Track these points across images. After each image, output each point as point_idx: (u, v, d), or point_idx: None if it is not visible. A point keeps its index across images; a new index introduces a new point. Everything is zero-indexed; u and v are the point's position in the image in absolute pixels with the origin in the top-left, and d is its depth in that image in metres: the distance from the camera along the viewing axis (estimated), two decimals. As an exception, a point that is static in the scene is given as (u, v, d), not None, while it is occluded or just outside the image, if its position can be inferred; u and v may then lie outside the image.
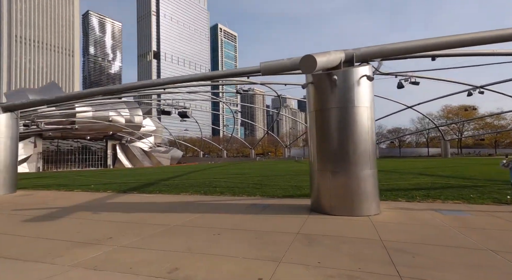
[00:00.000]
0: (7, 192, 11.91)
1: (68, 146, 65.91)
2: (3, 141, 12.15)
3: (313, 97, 6.52)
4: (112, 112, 57.59)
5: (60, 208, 7.82)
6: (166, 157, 72.05)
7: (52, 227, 5.42)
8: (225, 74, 12.85)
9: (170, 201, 8.65)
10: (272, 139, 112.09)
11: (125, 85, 12.53)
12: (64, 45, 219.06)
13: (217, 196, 9.62)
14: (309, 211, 6.49)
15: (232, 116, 75.00)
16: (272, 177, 16.71)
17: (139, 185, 14.17)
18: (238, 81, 30.04)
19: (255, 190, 10.68)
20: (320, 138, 6.34)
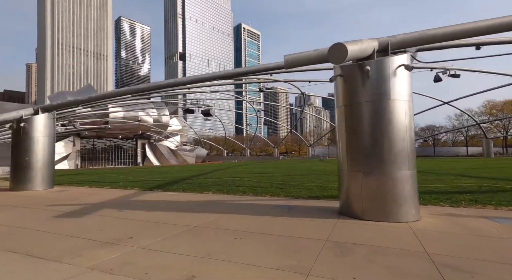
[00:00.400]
0: (45, 187, 12.67)
1: (102, 145, 70.05)
2: (42, 140, 12.94)
3: (342, 90, 5.98)
4: (141, 112, 60.20)
5: (89, 204, 8.02)
6: (192, 155, 73.95)
7: (78, 224, 5.47)
8: (248, 71, 12.57)
9: (192, 200, 8.55)
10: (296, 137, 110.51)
11: (150, 84, 12.74)
12: (98, 50, 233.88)
13: (240, 195, 9.38)
14: (338, 214, 5.97)
15: (255, 115, 74.99)
16: (296, 176, 16.19)
17: (164, 183, 14.40)
18: (261, 79, 29.72)
19: (279, 190, 10.29)
20: (350, 135, 5.79)
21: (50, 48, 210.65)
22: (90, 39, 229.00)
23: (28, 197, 10.13)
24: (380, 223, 5.06)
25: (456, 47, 8.91)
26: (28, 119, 12.51)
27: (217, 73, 12.45)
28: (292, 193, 9.38)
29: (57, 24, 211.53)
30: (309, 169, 24.00)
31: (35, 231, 4.94)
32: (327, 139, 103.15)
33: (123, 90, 12.86)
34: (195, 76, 12.67)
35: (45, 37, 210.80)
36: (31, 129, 12.56)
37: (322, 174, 17.86)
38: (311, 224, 5.19)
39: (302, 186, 11.31)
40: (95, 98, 12.93)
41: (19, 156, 12.38)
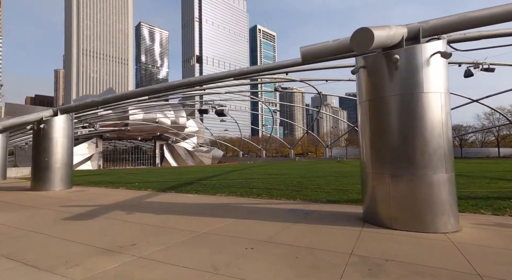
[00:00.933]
0: (64, 188, 12.88)
1: (123, 146, 72.31)
2: (61, 141, 13.19)
3: (366, 84, 5.37)
4: (159, 114, 61.55)
5: (100, 206, 7.89)
6: (208, 156, 74.65)
7: (84, 228, 5.24)
8: (262, 68, 12.13)
9: (204, 203, 8.20)
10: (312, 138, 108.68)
11: (164, 84, 12.63)
12: (120, 55, 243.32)
13: (253, 198, 8.92)
14: (362, 222, 5.36)
15: (271, 115, 74.40)
16: (313, 178, 15.50)
17: (178, 184, 14.24)
18: (277, 79, 29.18)
19: (295, 192, 9.72)
20: (375, 133, 5.17)
21: (75, 54, 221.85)
22: (112, 45, 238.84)
23: (44, 197, 10.25)
24: (412, 234, 4.41)
25: (497, 37, 7.94)
26: (47, 121, 12.79)
27: (231, 71, 12.11)
28: (309, 196, 8.79)
29: (82, 31, 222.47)
30: (326, 170, 23.13)
31: (39, 235, 4.75)
32: (344, 139, 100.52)
33: (138, 91, 12.85)
34: (209, 74, 12.40)
35: (71, 44, 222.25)
36: (51, 130, 12.83)
37: (340, 176, 17.04)
38: (332, 233, 4.62)
39: (320, 188, 10.67)
40: (111, 99, 13.04)
41: (39, 157, 12.67)
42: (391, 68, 4.93)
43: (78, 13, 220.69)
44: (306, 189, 10.56)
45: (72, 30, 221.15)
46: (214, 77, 12.36)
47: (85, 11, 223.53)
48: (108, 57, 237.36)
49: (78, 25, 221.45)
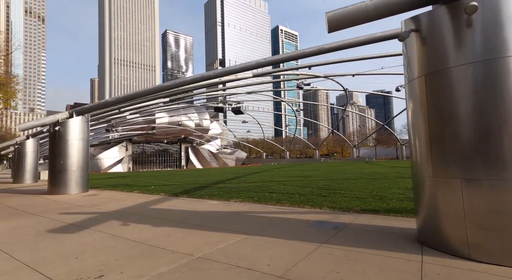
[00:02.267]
0: (79, 191, 12.56)
1: (151, 149, 74.58)
2: (77, 143, 12.91)
3: (420, 53, 3.88)
4: (184, 117, 62.49)
5: (102, 213, 7.11)
6: (231, 158, 74.52)
7: (59, 246, 4.33)
8: (281, 59, 10.84)
9: (214, 210, 7.09)
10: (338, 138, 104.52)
11: (177, 80, 11.85)
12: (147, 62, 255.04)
13: (272, 205, 7.64)
14: (418, 244, 3.87)
15: (294, 116, 72.40)
16: (341, 181, 13.81)
17: (194, 187, 13.37)
18: (300, 75, 27.63)
19: (321, 198, 8.27)
20: (436, 122, 3.66)
21: (108, 63, 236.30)
22: (141, 53, 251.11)
23: (53, 202, 9.81)
24: (509, 272, 2.87)
25: None
26: (63, 123, 12.57)
27: (247, 64, 10.99)
28: (338, 204, 7.32)
29: (114, 41, 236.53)
30: (355, 172, 21.12)
31: (3, 255, 3.89)
32: (373, 139, 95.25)
33: (150, 89, 12.21)
34: (224, 68, 11.39)
35: (104, 54, 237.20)
36: (66, 132, 12.59)
37: (372, 178, 15.13)
38: (378, 265, 3.22)
39: (351, 193, 9.09)
40: (122, 99, 12.58)
41: (54, 160, 12.45)
42: (460, 25, 3.42)
43: (110, 25, 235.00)
44: (334, 194, 9.05)
45: (105, 41, 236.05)
46: (229, 70, 11.32)
47: (116, 22, 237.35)
48: (137, 65, 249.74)
49: (110, 36, 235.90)
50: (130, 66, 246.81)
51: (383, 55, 19.50)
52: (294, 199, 8.34)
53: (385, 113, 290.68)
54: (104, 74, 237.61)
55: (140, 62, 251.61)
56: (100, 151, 59.69)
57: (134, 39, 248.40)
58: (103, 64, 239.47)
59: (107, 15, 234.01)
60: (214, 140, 77.51)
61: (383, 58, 20.01)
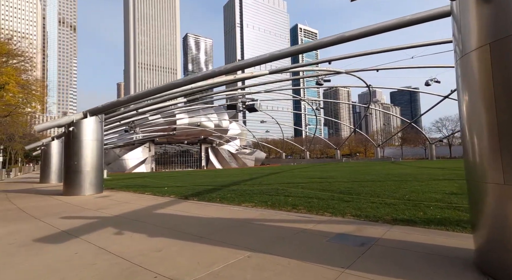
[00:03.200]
0: (93, 192, 12.43)
1: (173, 150, 76.15)
2: (91, 143, 12.82)
3: (482, 13, 2.85)
4: (203, 118, 63.03)
5: (103, 218, 6.66)
6: (251, 158, 74.12)
7: (38, 260, 3.82)
8: (296, 50, 9.91)
9: (221, 217, 6.35)
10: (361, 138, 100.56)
11: (187, 77, 11.34)
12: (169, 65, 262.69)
13: (287, 211, 6.76)
14: (478, 272, 2.85)
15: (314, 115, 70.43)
16: (366, 183, 12.56)
17: (208, 189, 12.79)
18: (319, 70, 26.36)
19: (344, 204, 7.26)
20: (508, 107, 2.63)
21: (132, 67, 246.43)
22: (163, 56, 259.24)
23: (63, 203, 9.63)
24: None
25: None
26: (77, 123, 12.52)
27: (260, 57, 10.21)
28: (364, 211, 6.29)
29: (138, 46, 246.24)
30: (381, 173, 19.54)
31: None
32: (399, 138, 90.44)
33: (161, 87, 11.82)
34: (235, 63, 10.68)
35: (129, 59, 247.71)
36: (80, 133, 12.52)
37: (402, 180, 13.68)
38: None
39: (379, 199, 7.97)
40: (135, 97, 12.31)
41: (69, 160, 12.44)
42: (546, -33, 2.37)
43: (134, 31, 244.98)
44: (359, 199, 7.98)
45: (130, 46, 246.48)
46: (241, 65, 10.59)
47: (140, 28, 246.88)
48: (160, 68, 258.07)
49: (134, 41, 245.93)
50: (153, 70, 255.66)
51: (411, 45, 17.87)
52: (312, 205, 7.40)
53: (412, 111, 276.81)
54: (129, 78, 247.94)
55: (162, 66, 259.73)
56: (125, 152, 61.69)
57: (157, 43, 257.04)
58: (128, 68, 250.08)
59: (132, 21, 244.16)
60: (234, 141, 77.61)
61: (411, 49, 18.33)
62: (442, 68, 29.07)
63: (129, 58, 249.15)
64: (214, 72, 11.06)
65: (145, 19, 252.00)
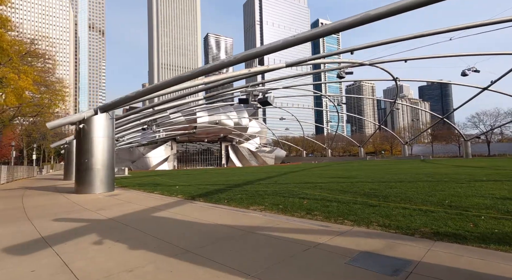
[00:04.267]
0: (104, 190, 12.16)
1: (194, 148, 77.29)
2: (101, 140, 12.57)
3: None
4: (223, 116, 63.05)
5: (95, 221, 6.11)
6: (271, 156, 73.17)
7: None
8: (316, 33, 8.74)
9: (223, 223, 5.49)
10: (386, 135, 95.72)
11: (195, 70, 10.62)
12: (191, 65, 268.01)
13: (300, 218, 5.75)
14: None
15: (336, 111, 67.66)
16: (395, 184, 11.11)
17: (218, 189, 12.07)
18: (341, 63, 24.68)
19: (369, 210, 6.10)
20: None
21: (156, 68, 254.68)
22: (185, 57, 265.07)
23: (68, 202, 9.32)
24: None
25: None
26: (87, 120, 12.31)
27: (273, 44, 9.22)
28: (395, 220, 5.13)
29: (161, 48, 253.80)
30: (411, 172, 17.71)
31: None
32: (429, 134, 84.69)
33: (169, 80, 11.22)
34: (247, 51, 9.78)
35: (153, 60, 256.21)
36: (90, 130, 12.30)
37: (436, 180, 12.02)
38: None
39: (411, 204, 6.69)
40: (141, 93, 11.87)
41: (80, 158, 12.27)
42: None
43: (157, 32, 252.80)
44: (387, 204, 6.76)
45: (153, 48, 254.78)
46: (251, 54, 9.65)
47: (163, 29, 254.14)
48: (182, 68, 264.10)
49: (157, 43, 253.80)
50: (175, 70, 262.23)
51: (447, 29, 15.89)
52: (330, 210, 6.33)
53: (443, 106, 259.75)
54: (153, 79, 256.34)
55: (184, 66, 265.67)
56: (148, 150, 63.38)
57: (179, 44, 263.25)
58: (152, 69, 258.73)
59: (155, 23, 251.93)
60: (253, 139, 77.12)
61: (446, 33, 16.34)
62: (482, 56, 26.14)
63: (153, 59, 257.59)
64: (224, 63, 10.23)
65: (168, 21, 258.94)
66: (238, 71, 16.27)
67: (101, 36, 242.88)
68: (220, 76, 16.23)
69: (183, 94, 19.40)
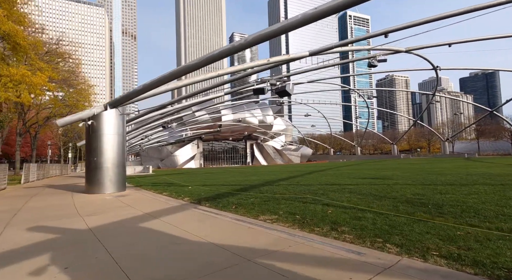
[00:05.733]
0: (115, 190, 11.52)
1: (220, 146, 77.74)
2: (111, 138, 11.94)
3: None
4: (247, 114, 62.27)
5: (71, 231, 5.15)
6: (296, 155, 71.07)
7: None
8: (339, 3, 7.05)
9: (214, 242, 4.14)
10: (422, 131, 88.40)
11: (203, 57, 9.45)
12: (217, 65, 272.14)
13: (321, 236, 4.23)
14: None
15: (366, 106, 63.46)
16: (443, 188, 8.97)
17: (232, 190, 10.83)
18: (371, 49, 22.16)
19: (419, 227, 4.37)
20: None
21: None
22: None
23: (69, 204, 8.63)
24: None
25: None
26: (96, 117, 11.74)
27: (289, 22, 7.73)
28: (466, 248, 3.41)
29: (188, 49, 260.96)
30: (459, 172, 15.03)
31: None
32: (474, 130, 76.45)
33: (175, 71, 10.19)
34: (259, 32, 8.37)
35: (181, 61, 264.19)
36: (99, 127, 11.71)
37: (498, 183, 9.58)
38: None
39: (483, 221, 4.80)
40: (149, 85, 10.99)
41: (89, 157, 11.76)
42: None
43: (184, 35, 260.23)
44: (443, 219, 4.94)
45: (181, 49, 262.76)
46: (264, 34, 8.20)
47: (190, 31, 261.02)
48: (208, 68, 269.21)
49: (185, 44, 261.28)
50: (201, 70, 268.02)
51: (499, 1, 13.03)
52: (363, 225, 4.71)
53: (489, 99, 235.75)
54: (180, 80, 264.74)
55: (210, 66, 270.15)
56: (176, 149, 64.70)
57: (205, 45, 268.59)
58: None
59: (182, 25, 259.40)
60: (279, 137, 75.53)
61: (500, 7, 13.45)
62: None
63: (181, 60, 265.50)
64: (234, 47, 8.92)
65: (194, 23, 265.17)
66: (255, 62, 14.89)
67: (133, 40, 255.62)
68: (235, 68, 14.99)
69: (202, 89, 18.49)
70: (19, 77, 11.68)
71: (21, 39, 12.12)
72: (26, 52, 13.13)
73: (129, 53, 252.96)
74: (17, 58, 13.80)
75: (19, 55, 12.76)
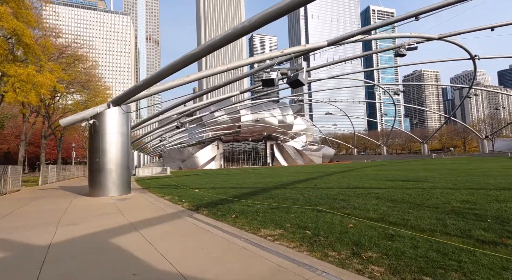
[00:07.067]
0: (118, 193, 10.85)
1: (240, 147, 77.38)
2: (114, 137, 11.29)
3: None
4: (267, 114, 61.13)
5: (28, 247, 4.28)
6: (318, 155, 68.61)
7: None
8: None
9: (187, 274, 3.00)
10: (456, 129, 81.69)
11: (204, 44, 8.44)
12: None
13: (337, 266, 2.93)
14: None
15: (392, 103, 59.56)
16: (498, 193, 7.11)
17: (240, 194, 9.71)
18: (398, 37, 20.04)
19: (486, 261, 2.92)
20: None
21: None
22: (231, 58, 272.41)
23: (64, 208, 7.96)
24: None
25: None
26: (98, 116, 11.16)
27: None
28: None
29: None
30: (511, 174, 12.68)
31: None
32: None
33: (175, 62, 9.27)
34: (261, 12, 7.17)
35: (201, 64, 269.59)
36: (101, 126, 11.11)
37: None
38: None
39: None
40: (150, 79, 10.21)
41: (91, 157, 11.19)
42: None
43: (205, 37, 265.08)
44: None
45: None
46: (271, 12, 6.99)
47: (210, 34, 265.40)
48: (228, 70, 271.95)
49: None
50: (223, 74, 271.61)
51: None
52: (399, 250, 3.32)
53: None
54: (202, 83, 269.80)
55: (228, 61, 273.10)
56: (197, 150, 65.10)
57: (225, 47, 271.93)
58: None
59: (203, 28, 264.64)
60: (299, 137, 73.58)
61: None
62: None
63: (201, 63, 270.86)
64: (236, 29, 7.79)
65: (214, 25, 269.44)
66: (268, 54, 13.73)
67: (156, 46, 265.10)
68: (245, 61, 13.89)
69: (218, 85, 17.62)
70: (24, 77, 11.44)
71: (27, 38, 11.89)
72: (35, 53, 12.95)
73: (153, 58, 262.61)
74: (30, 59, 13.76)
75: (30, 55, 12.64)
